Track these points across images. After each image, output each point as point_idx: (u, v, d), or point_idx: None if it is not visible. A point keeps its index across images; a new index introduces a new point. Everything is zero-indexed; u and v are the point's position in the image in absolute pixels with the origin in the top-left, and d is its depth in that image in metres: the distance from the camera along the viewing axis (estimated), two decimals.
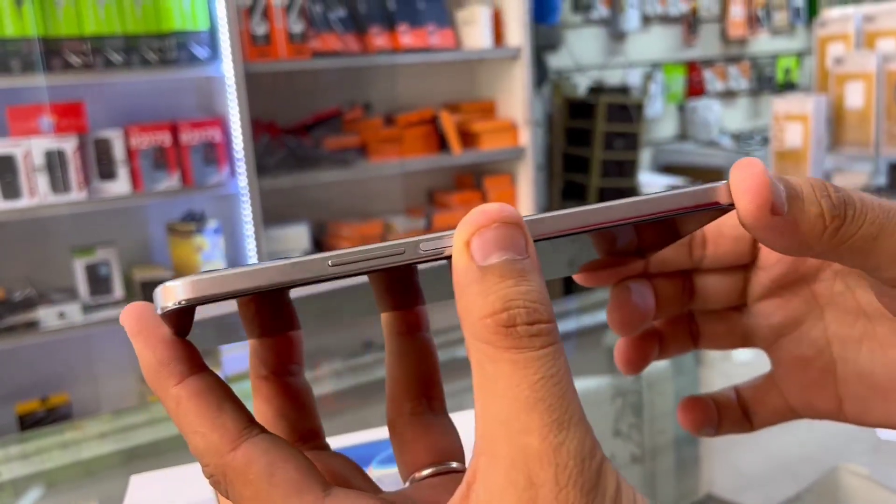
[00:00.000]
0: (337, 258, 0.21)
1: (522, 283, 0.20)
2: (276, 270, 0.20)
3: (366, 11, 2.27)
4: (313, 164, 2.20)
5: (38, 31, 1.84)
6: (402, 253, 0.21)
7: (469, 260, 0.20)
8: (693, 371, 0.88)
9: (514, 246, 0.20)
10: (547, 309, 0.20)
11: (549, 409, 0.19)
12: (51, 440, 0.75)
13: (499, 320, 0.20)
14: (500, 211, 0.21)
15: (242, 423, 0.22)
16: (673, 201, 0.23)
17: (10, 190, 1.85)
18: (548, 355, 0.20)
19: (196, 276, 0.20)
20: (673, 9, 3.45)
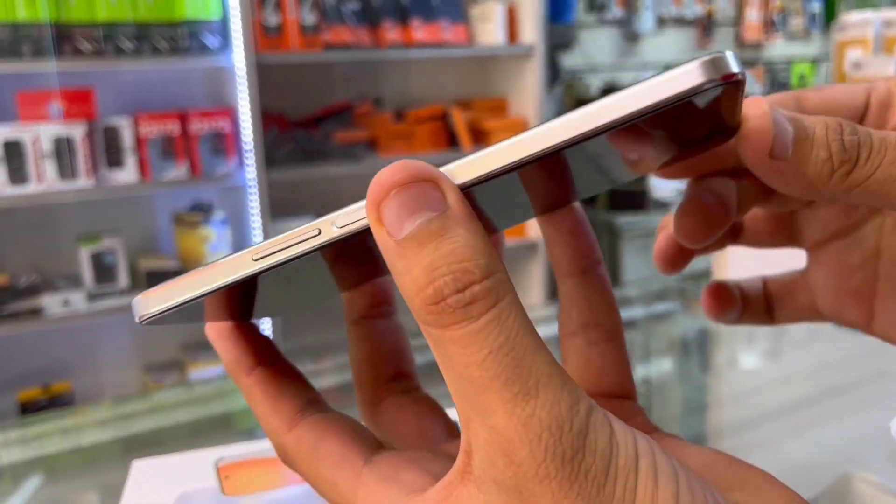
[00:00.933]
0: (258, 251, 0.20)
1: (444, 244, 0.18)
2: (200, 277, 0.21)
3: (379, 5, 2.26)
4: (322, 158, 2.19)
5: (50, 16, 1.83)
6: (318, 234, 0.20)
7: (385, 236, 0.18)
8: (700, 378, 0.86)
9: (427, 203, 0.18)
10: (479, 263, 0.18)
11: (507, 383, 0.17)
12: (51, 425, 0.75)
13: (426, 297, 0.18)
14: (394, 173, 0.18)
15: (298, 406, 0.24)
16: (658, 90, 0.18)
17: (18, 176, 1.84)
18: (490, 322, 0.17)
19: (145, 293, 0.21)
20: (688, 11, 3.43)
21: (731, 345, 0.94)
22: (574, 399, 0.18)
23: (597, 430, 0.17)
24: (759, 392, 0.77)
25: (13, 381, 2.00)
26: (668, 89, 0.18)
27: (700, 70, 0.18)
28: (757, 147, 0.22)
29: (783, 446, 0.64)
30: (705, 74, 0.18)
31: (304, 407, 0.25)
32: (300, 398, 0.25)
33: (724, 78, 0.18)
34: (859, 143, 0.22)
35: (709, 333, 0.98)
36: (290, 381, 0.25)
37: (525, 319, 0.18)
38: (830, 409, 0.70)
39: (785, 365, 0.86)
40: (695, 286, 1.13)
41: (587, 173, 0.23)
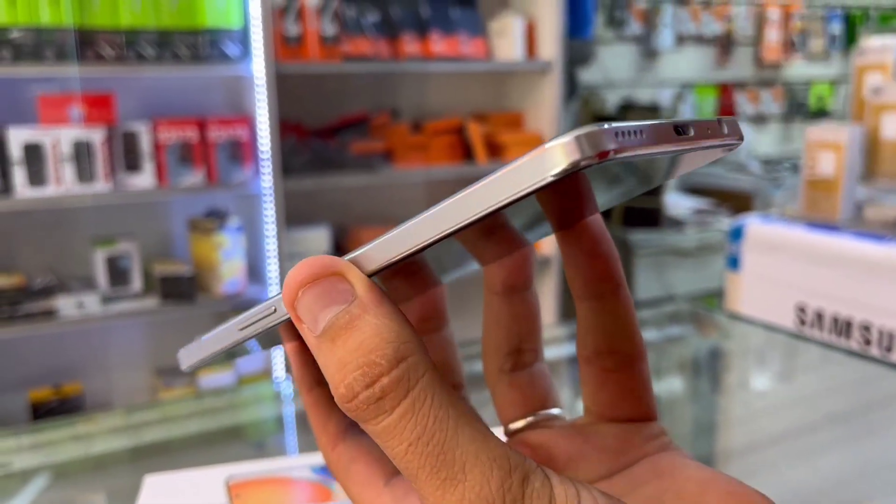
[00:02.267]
0: (242, 322, 0.22)
1: (353, 337, 0.18)
2: (194, 351, 0.25)
3: (399, 17, 2.27)
4: (338, 168, 2.20)
5: (74, 20, 1.85)
6: (273, 312, 0.21)
7: (307, 332, 0.19)
8: (710, 398, 0.86)
9: (335, 296, 0.18)
10: (387, 353, 0.17)
11: (432, 472, 0.17)
12: (63, 432, 0.75)
13: (341, 397, 0.18)
14: (297, 274, 0.19)
15: (342, 427, 0.26)
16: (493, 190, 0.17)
17: (37, 178, 1.86)
18: (405, 414, 0.17)
19: (185, 349, 0.25)
20: (707, 29, 3.42)
21: (744, 367, 0.93)
22: (504, 473, 0.17)
23: (533, 499, 0.17)
24: (769, 414, 0.76)
25: (25, 381, 2.01)
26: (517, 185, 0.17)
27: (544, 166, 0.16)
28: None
29: (790, 471, 0.64)
30: (555, 167, 0.16)
31: (347, 428, 0.26)
32: (345, 420, 0.26)
33: (583, 164, 0.16)
34: None
35: (721, 355, 0.97)
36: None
37: (443, 400, 0.18)
38: (840, 435, 0.69)
39: (797, 388, 0.85)
40: (707, 309, 1.13)
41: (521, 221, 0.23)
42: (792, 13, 3.60)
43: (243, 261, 2.09)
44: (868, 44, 1.75)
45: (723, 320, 1.07)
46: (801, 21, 3.65)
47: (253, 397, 0.94)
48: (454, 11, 2.35)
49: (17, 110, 1.92)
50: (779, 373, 0.91)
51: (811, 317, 1.32)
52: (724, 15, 3.45)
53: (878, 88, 1.65)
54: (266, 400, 0.88)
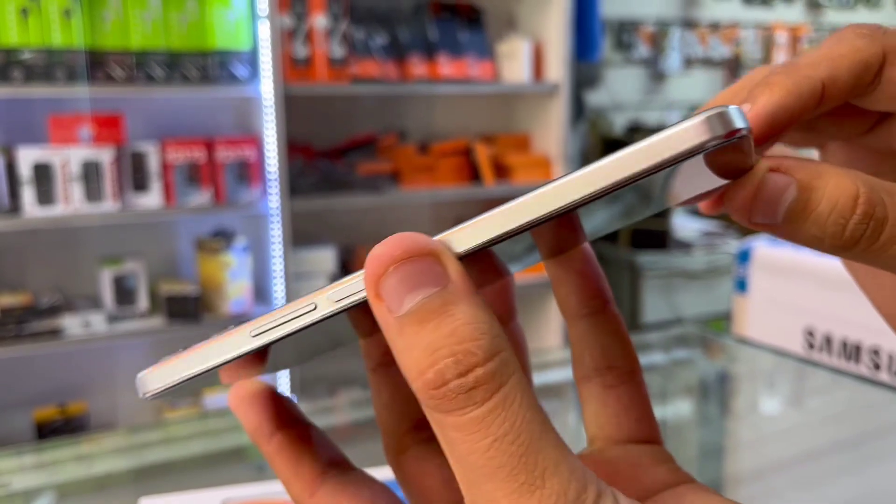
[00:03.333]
0: (256, 326, 0.20)
1: (445, 323, 0.17)
2: (200, 354, 0.21)
3: (407, 40, 2.29)
4: (345, 189, 2.21)
5: (85, 42, 1.87)
6: (314, 309, 0.19)
7: (385, 312, 0.17)
8: (718, 421, 0.85)
9: (427, 278, 0.17)
10: (483, 344, 0.17)
11: (511, 474, 0.16)
12: (66, 452, 0.75)
13: (427, 382, 0.17)
14: (393, 249, 0.18)
15: (318, 469, 0.24)
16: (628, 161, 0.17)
17: (46, 197, 1.87)
18: (495, 409, 0.17)
19: (148, 370, 0.22)
20: (715, 53, 3.43)
21: (751, 391, 0.93)
22: (581, 486, 0.17)
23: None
24: (777, 439, 0.76)
25: (30, 400, 2.01)
26: (672, 147, 0.17)
27: (705, 126, 0.17)
28: (737, 210, 0.21)
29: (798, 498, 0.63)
30: (710, 131, 0.17)
31: (324, 469, 0.24)
32: (320, 460, 0.24)
33: (728, 135, 0.17)
34: (869, 227, 0.20)
35: (728, 379, 0.96)
36: (309, 442, 0.25)
37: (531, 401, 0.17)
38: (848, 462, 0.69)
39: (805, 413, 0.84)
40: (715, 332, 1.12)
41: (598, 219, 0.23)
42: (800, 36, 3.61)
43: (250, 281, 2.09)
44: None
45: (730, 344, 1.06)
46: (810, 44, 3.66)
47: None
48: (462, 34, 2.36)
49: (27, 130, 1.94)
50: (787, 397, 0.90)
51: (820, 341, 1.31)
52: (731, 38, 3.46)
53: None
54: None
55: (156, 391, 0.21)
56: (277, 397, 0.26)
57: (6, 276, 2.00)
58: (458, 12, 2.42)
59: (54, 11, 1.83)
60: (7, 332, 1.87)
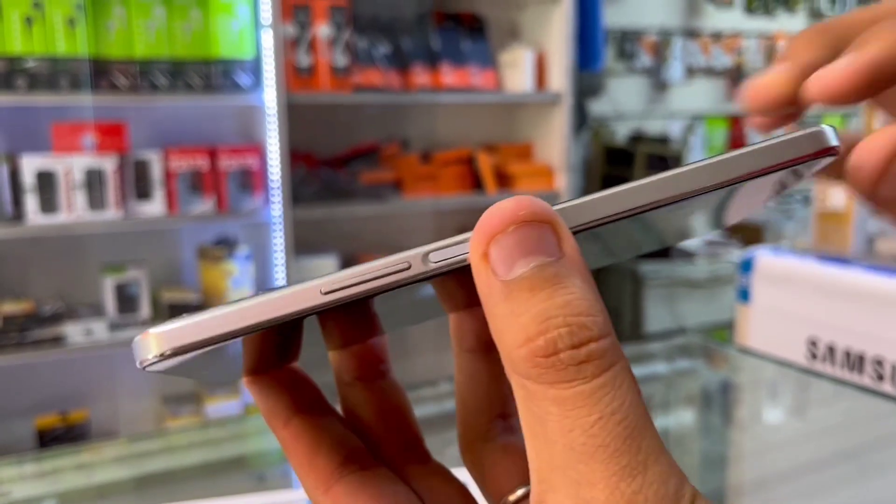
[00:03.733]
0: (330, 284, 0.18)
1: (559, 293, 0.16)
2: (256, 309, 0.18)
3: (410, 49, 2.29)
4: (348, 197, 2.21)
5: (89, 50, 1.87)
6: (408, 268, 0.18)
7: (490, 274, 0.17)
8: (721, 431, 0.85)
9: (543, 247, 0.17)
10: (597, 320, 0.16)
11: (614, 455, 0.15)
12: (67, 460, 0.75)
13: (535, 349, 0.16)
14: (516, 208, 0.17)
15: (336, 462, 0.22)
16: (770, 156, 0.19)
17: (49, 205, 1.87)
18: (604, 385, 0.16)
19: (169, 325, 0.18)
20: (717, 62, 3.44)
21: (754, 401, 0.92)
22: (680, 482, 0.16)
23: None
24: (779, 450, 0.75)
25: (32, 408, 2.01)
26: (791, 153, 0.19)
27: (829, 137, 0.19)
28: (861, 182, 0.21)
29: None
30: (832, 141, 0.19)
31: (343, 463, 0.22)
32: (339, 452, 0.23)
33: (831, 150, 0.19)
34: None
35: (731, 389, 0.96)
36: (329, 431, 0.23)
37: (637, 389, 0.16)
38: (851, 472, 0.68)
39: (807, 423, 0.84)
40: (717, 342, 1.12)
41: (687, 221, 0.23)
42: None
43: (252, 289, 2.09)
44: None
45: (733, 353, 1.06)
46: None
47: (258, 427, 0.93)
48: (465, 43, 2.37)
49: (30, 138, 1.94)
50: (789, 408, 0.89)
51: (823, 351, 1.31)
52: (734, 48, 3.47)
53: (889, 121, 1.64)
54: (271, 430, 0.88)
55: (168, 354, 0.18)
56: (299, 378, 0.24)
57: (9, 283, 2.00)
58: (461, 22, 2.43)
59: (58, 20, 1.84)
60: (9, 339, 1.87)
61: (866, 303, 1.24)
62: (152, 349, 0.18)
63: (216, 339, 0.18)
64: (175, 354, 0.18)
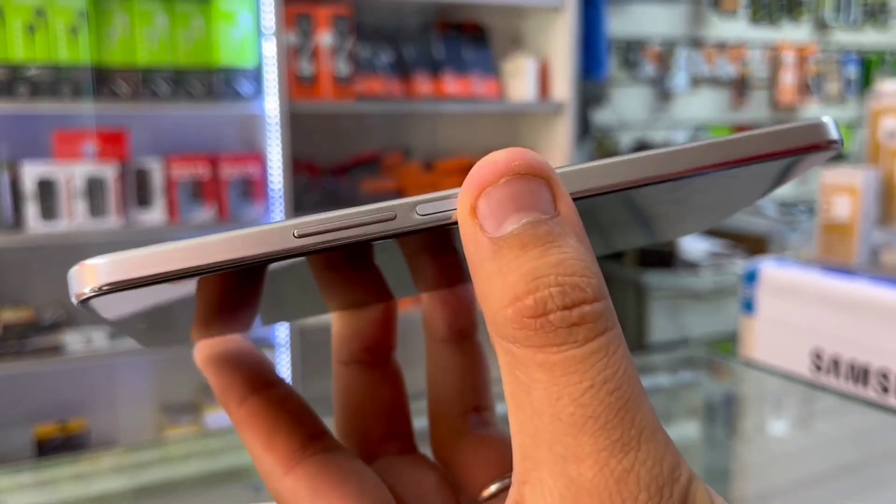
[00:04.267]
0: (305, 226, 0.16)
1: (552, 251, 0.15)
2: (217, 246, 0.15)
3: (412, 58, 2.29)
4: (349, 206, 2.20)
5: (91, 58, 1.88)
6: (393, 218, 0.16)
7: (478, 230, 0.15)
8: (725, 444, 0.84)
9: (536, 202, 0.15)
10: (592, 282, 0.15)
11: (605, 428, 0.14)
12: (65, 470, 0.74)
13: (523, 309, 0.14)
14: (509, 159, 0.15)
15: (298, 444, 0.21)
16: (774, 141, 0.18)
17: (49, 213, 1.87)
18: (597, 351, 0.15)
19: (113, 256, 0.16)
20: (722, 72, 3.44)
21: (757, 414, 0.92)
22: (675, 462, 0.15)
23: (696, 499, 0.15)
24: (783, 463, 0.75)
25: (30, 417, 2.00)
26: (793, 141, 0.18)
27: (830, 129, 0.19)
28: None
29: None
30: (833, 134, 0.19)
31: (305, 444, 0.21)
32: (301, 433, 0.21)
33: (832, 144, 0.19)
34: None
35: (734, 401, 0.96)
36: (287, 412, 0.22)
37: (631, 358, 0.15)
38: (855, 486, 0.68)
39: (811, 436, 0.83)
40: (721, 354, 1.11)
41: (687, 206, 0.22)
42: (807, 57, 3.61)
43: None
44: (883, 87, 1.74)
45: (737, 365, 1.06)
46: (817, 64, 3.66)
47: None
48: (468, 52, 2.37)
49: (32, 145, 1.94)
50: (794, 420, 0.89)
51: (827, 363, 1.30)
52: (738, 58, 3.47)
53: (893, 132, 1.63)
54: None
55: (106, 289, 0.15)
56: (253, 356, 0.22)
57: (9, 291, 2.00)
58: (464, 31, 2.43)
59: (61, 28, 1.84)
60: (9, 347, 1.86)
61: (871, 315, 1.23)
62: (88, 281, 0.16)
63: (164, 277, 0.15)
64: (115, 290, 0.15)
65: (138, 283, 0.15)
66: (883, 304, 1.22)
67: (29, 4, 1.82)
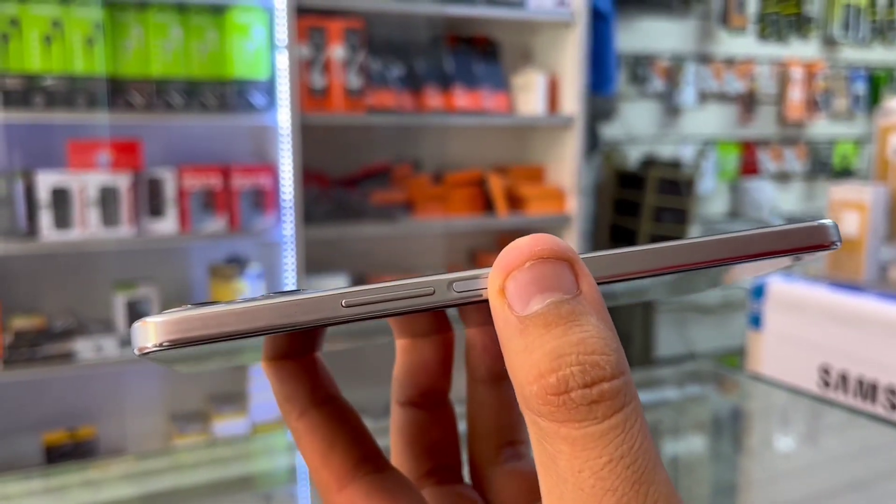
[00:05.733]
0: (352, 297, 0.18)
1: (574, 331, 0.16)
2: (276, 311, 0.17)
3: (423, 71, 2.31)
4: (359, 217, 2.21)
5: (107, 69, 1.90)
6: (432, 294, 0.18)
7: (506, 309, 0.17)
8: (731, 459, 0.84)
9: (560, 284, 0.17)
10: (612, 360, 0.16)
11: (620, 500, 0.15)
12: (74, 477, 0.75)
13: (547, 386, 0.16)
14: (533, 244, 0.17)
15: (352, 461, 0.22)
16: (779, 240, 0.20)
17: (63, 221, 1.89)
18: (615, 427, 0.16)
19: (180, 311, 0.17)
20: (730, 87, 3.44)
21: (764, 429, 0.91)
22: None
23: None
24: (790, 478, 0.75)
25: (40, 424, 2.01)
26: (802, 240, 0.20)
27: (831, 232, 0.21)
28: None
29: None
30: (834, 236, 0.20)
31: (358, 462, 0.22)
32: (355, 451, 0.22)
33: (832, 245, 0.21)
34: None
35: (741, 416, 0.95)
36: (345, 428, 0.23)
37: (648, 431, 0.16)
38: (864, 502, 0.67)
39: (818, 452, 0.83)
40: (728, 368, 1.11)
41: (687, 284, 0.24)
42: (815, 73, 3.62)
43: None
44: (891, 104, 1.75)
45: (744, 380, 1.05)
46: (825, 81, 3.66)
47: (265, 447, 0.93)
48: (478, 66, 2.38)
49: (46, 155, 1.96)
50: (801, 436, 0.89)
51: (835, 379, 1.29)
52: (747, 73, 3.47)
53: None
54: (278, 450, 0.88)
55: (166, 346, 0.17)
56: (317, 368, 0.23)
57: (21, 298, 2.01)
58: (474, 45, 2.44)
59: (77, 39, 1.86)
60: (20, 354, 1.88)
61: (879, 331, 1.23)
62: (150, 338, 0.17)
63: (219, 338, 0.17)
64: (173, 347, 0.17)
65: (195, 341, 0.17)
66: (891, 320, 1.22)
67: (46, 15, 1.84)
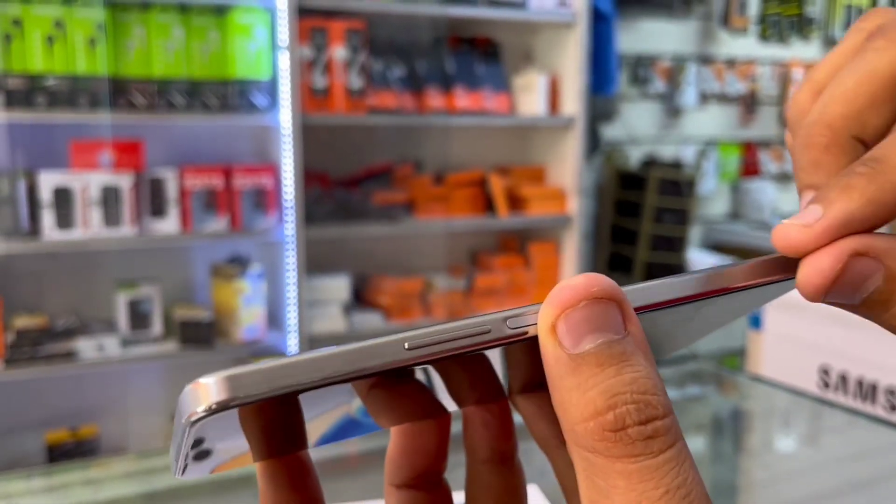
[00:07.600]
0: (414, 340, 0.18)
1: (626, 370, 0.17)
2: (342, 358, 0.17)
3: (424, 72, 2.31)
4: (360, 217, 2.22)
5: (109, 70, 1.90)
6: (489, 332, 0.18)
7: (558, 347, 0.17)
8: (731, 460, 0.84)
9: (610, 324, 0.17)
10: (661, 399, 0.17)
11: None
12: (75, 475, 0.75)
13: (604, 423, 0.16)
14: (587, 285, 0.17)
15: None
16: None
17: (65, 221, 1.89)
18: (670, 461, 0.16)
19: (236, 370, 0.16)
20: (731, 88, 3.44)
21: (764, 429, 0.92)
22: None
23: None
24: (790, 479, 0.75)
25: (42, 422, 2.01)
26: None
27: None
28: (812, 292, 0.20)
29: None
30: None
31: None
32: None
33: None
34: None
35: (741, 416, 0.96)
36: None
37: (695, 465, 0.17)
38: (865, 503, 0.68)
39: (820, 452, 0.83)
40: (729, 369, 1.11)
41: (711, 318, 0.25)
42: None
43: (263, 307, 2.10)
44: None
45: (744, 381, 1.06)
46: None
47: None
48: (479, 67, 2.38)
49: (49, 155, 1.97)
50: (801, 437, 0.89)
51: (835, 379, 1.30)
52: (748, 74, 3.47)
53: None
54: None
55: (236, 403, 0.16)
56: (308, 470, 0.23)
57: (24, 298, 2.02)
58: (476, 45, 2.45)
59: (80, 40, 1.87)
60: (22, 353, 1.88)
61: (879, 331, 1.23)
62: (202, 400, 0.16)
63: (289, 389, 0.16)
64: (245, 404, 0.16)
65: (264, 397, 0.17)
66: None
67: (48, 16, 1.84)
